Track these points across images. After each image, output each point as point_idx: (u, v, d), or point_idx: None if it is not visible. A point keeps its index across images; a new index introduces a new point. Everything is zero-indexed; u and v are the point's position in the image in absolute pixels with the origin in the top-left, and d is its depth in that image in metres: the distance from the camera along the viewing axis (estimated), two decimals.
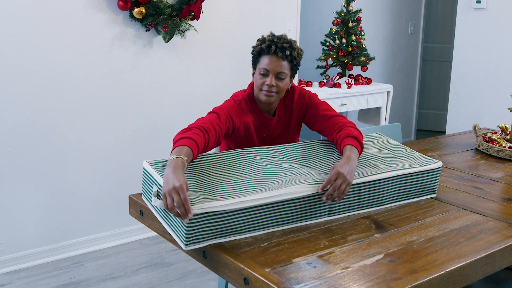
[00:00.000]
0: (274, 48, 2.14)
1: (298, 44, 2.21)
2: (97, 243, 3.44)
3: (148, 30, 3.34)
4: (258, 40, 2.22)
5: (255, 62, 2.23)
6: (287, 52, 2.14)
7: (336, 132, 2.15)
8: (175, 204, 1.56)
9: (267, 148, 2.08)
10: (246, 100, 2.25)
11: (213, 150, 2.68)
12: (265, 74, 2.16)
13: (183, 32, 3.46)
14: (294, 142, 2.39)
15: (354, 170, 1.86)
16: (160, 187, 1.72)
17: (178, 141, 1.84)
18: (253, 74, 2.24)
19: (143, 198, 1.92)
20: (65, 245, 3.31)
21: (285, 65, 2.16)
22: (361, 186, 1.87)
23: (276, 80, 2.16)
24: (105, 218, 3.46)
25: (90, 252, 3.38)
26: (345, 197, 1.84)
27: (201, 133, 1.92)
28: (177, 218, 1.60)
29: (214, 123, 2.03)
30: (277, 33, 2.24)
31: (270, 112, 2.29)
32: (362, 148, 2.05)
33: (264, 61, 2.16)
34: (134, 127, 3.47)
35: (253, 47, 2.23)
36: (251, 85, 2.29)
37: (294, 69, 2.22)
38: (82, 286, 2.98)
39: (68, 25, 3.11)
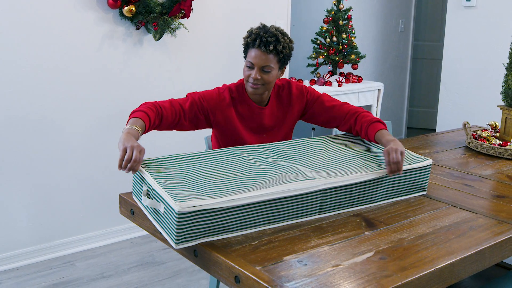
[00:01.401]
0: (258, 42, 2.16)
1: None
2: (87, 242, 3.43)
3: (138, 28, 3.33)
4: (247, 31, 2.24)
5: (245, 53, 2.26)
6: (271, 47, 2.15)
7: (353, 120, 2.26)
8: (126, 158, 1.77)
9: (258, 146, 2.08)
10: (232, 90, 2.27)
11: (205, 148, 2.68)
12: (251, 67, 2.19)
13: (174, 31, 3.45)
14: (287, 138, 2.40)
15: (399, 144, 1.99)
16: (150, 186, 1.72)
17: (133, 113, 2.04)
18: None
19: (134, 197, 1.92)
20: (56, 245, 3.30)
21: (270, 58, 2.17)
22: (352, 184, 1.87)
23: (261, 73, 2.18)
24: (96, 217, 3.45)
25: (81, 252, 3.37)
26: (336, 195, 1.84)
27: (155, 108, 2.08)
28: (167, 217, 1.60)
29: (174, 103, 2.17)
30: (268, 25, 2.26)
31: (262, 102, 2.31)
32: (385, 126, 2.19)
33: (251, 54, 2.19)
34: (124, 125, 3.45)
35: (243, 38, 2.26)
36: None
37: (282, 61, 2.23)
38: (73, 286, 2.97)
39: (58, 23, 3.09)
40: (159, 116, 2.09)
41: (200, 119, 2.23)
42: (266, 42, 2.15)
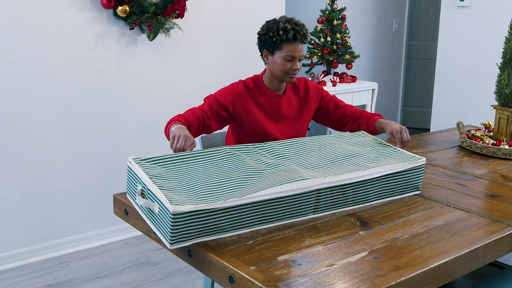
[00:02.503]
0: (300, 37, 2.32)
1: None
2: (82, 243, 3.42)
3: (132, 28, 3.33)
4: (276, 27, 2.34)
5: (274, 48, 2.35)
6: (307, 37, 2.37)
7: (360, 117, 2.58)
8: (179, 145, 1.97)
9: (252, 145, 2.08)
10: (247, 82, 2.44)
11: (200, 148, 2.67)
12: (291, 60, 2.35)
13: (168, 31, 3.45)
14: (304, 131, 2.58)
15: (396, 123, 2.38)
16: (145, 186, 1.71)
17: (169, 124, 2.21)
18: (266, 56, 2.40)
19: (128, 197, 1.92)
20: (50, 245, 3.29)
21: (304, 48, 2.45)
22: (346, 184, 1.88)
23: (299, 62, 2.38)
24: (90, 217, 3.44)
25: (75, 252, 3.37)
26: (330, 194, 1.84)
27: (182, 119, 2.26)
28: (161, 217, 1.60)
29: (195, 109, 2.33)
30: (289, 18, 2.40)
31: (280, 91, 2.48)
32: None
33: (290, 49, 2.33)
34: (118, 125, 3.45)
35: (269, 32, 2.34)
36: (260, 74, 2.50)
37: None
38: (68, 286, 2.96)
39: (51, 23, 3.08)
40: (188, 125, 2.26)
41: (223, 116, 2.39)
42: (304, 35, 2.34)
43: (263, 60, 2.43)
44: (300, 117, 2.54)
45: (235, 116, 2.41)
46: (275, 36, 2.32)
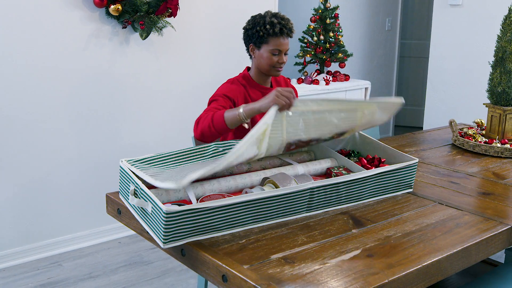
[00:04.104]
0: (286, 31, 2.37)
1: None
2: (75, 242, 3.41)
3: (124, 27, 3.32)
4: (263, 22, 2.37)
5: (261, 42, 2.39)
6: (293, 31, 2.42)
7: None
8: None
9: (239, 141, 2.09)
10: (239, 79, 2.49)
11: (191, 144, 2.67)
12: (277, 54, 2.39)
13: (160, 29, 3.44)
14: None
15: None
16: (137, 185, 1.71)
17: (214, 116, 2.10)
18: (252, 50, 2.44)
19: (121, 197, 1.91)
20: (43, 245, 3.28)
21: (288, 42, 2.42)
22: (339, 182, 1.88)
23: (285, 56, 2.43)
24: (83, 217, 3.43)
25: (68, 252, 3.36)
26: (323, 193, 1.85)
27: (227, 106, 2.30)
28: (154, 216, 1.60)
29: (217, 107, 2.26)
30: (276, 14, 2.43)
31: (267, 84, 2.54)
32: None
33: (276, 42, 2.37)
34: (111, 124, 3.44)
35: (256, 27, 2.38)
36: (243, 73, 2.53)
37: None
38: (60, 286, 2.95)
39: (43, 22, 3.07)
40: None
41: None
42: (290, 29, 2.39)
43: (249, 55, 2.47)
44: None
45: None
46: (261, 30, 2.36)
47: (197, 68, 3.78)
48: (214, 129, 2.09)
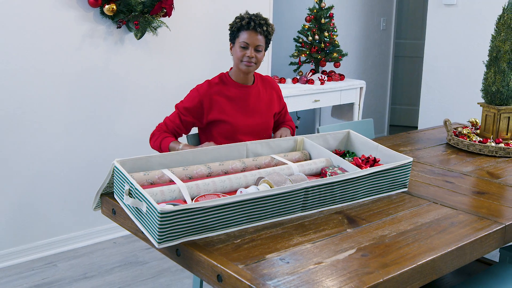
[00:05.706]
0: (253, 25, 2.45)
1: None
2: (70, 242, 3.40)
3: (119, 27, 3.31)
4: (237, 17, 2.50)
5: (234, 37, 2.52)
6: (264, 28, 2.47)
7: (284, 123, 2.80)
8: None
9: (229, 145, 2.11)
10: (212, 81, 2.57)
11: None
12: (245, 47, 2.47)
13: (155, 29, 3.44)
14: (269, 126, 2.67)
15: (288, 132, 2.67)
16: (132, 185, 1.71)
17: (162, 141, 2.45)
18: (231, 48, 2.55)
19: (115, 197, 1.91)
20: (37, 245, 3.27)
21: (261, 39, 2.48)
22: (334, 182, 1.88)
23: (255, 52, 2.48)
24: (78, 217, 3.43)
25: (63, 252, 3.35)
26: (318, 192, 1.85)
27: (170, 134, 2.52)
28: (149, 216, 1.59)
29: (168, 123, 2.54)
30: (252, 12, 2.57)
31: (248, 82, 2.59)
32: (292, 131, 2.78)
33: (244, 36, 2.46)
34: (105, 124, 3.43)
35: (231, 24, 2.52)
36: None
37: (267, 43, 2.55)
38: (56, 287, 2.94)
39: (38, 21, 3.06)
40: (174, 135, 2.55)
41: (193, 122, 2.54)
42: (259, 24, 2.46)
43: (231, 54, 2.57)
44: (268, 109, 2.65)
45: (206, 114, 2.52)
46: (234, 25, 2.49)
47: (192, 68, 3.78)
48: (161, 151, 2.40)
